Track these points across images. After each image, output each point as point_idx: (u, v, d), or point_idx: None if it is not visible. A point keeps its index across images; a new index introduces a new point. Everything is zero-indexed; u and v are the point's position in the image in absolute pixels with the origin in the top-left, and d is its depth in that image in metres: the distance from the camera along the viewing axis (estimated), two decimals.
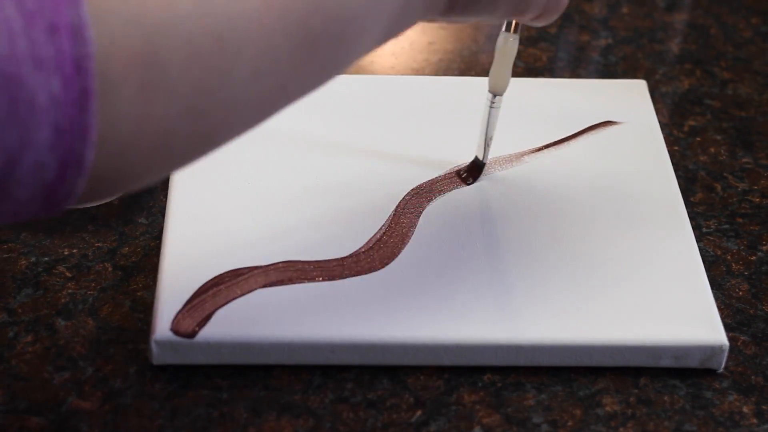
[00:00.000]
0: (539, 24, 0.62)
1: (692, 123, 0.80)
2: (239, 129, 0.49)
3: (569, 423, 0.60)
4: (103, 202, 0.68)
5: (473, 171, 0.71)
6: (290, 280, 0.64)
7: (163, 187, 0.71)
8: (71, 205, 0.45)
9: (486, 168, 0.72)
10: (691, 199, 0.74)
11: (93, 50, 0.41)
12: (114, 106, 0.42)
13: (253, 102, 0.48)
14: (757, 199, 0.74)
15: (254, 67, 0.46)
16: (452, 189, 0.70)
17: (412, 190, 0.70)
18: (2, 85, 0.40)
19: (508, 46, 0.66)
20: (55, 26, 0.40)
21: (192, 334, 0.61)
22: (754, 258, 0.70)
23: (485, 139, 0.70)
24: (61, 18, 0.40)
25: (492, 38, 0.87)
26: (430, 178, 0.71)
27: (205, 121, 0.46)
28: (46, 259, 0.67)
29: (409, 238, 0.67)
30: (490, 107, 0.69)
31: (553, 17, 0.61)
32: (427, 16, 0.56)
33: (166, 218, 0.67)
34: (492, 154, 0.73)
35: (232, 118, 0.48)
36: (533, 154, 0.73)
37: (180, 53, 0.43)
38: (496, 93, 0.69)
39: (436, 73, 0.83)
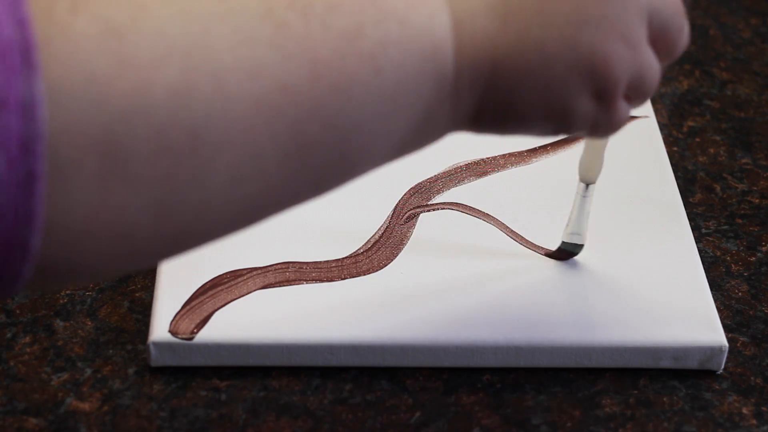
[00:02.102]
0: (599, 136, 0.54)
1: (691, 124, 0.80)
2: (216, 233, 0.45)
3: (568, 424, 0.60)
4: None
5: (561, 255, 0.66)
6: (289, 282, 0.64)
7: None
8: (18, 291, 0.41)
9: (486, 167, 0.72)
10: (691, 199, 0.74)
11: (44, 131, 0.37)
12: (66, 192, 0.38)
13: (231, 208, 0.43)
14: (757, 200, 0.74)
15: (234, 172, 0.41)
16: (451, 188, 0.70)
17: (410, 189, 0.70)
18: None
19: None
20: (3, 101, 0.36)
21: (190, 336, 0.61)
22: (753, 259, 0.70)
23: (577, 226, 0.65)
24: (12, 92, 0.36)
25: None
26: (427, 177, 0.71)
27: (172, 220, 0.41)
28: None
29: (408, 239, 0.67)
30: (582, 196, 0.64)
31: (613, 131, 0.52)
32: (453, 129, 0.49)
33: None
34: (491, 153, 0.73)
35: (205, 222, 0.43)
36: (532, 155, 0.73)
37: (147, 144, 0.39)
38: (586, 182, 0.63)
39: None
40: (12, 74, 0.36)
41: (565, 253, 0.66)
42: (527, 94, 0.48)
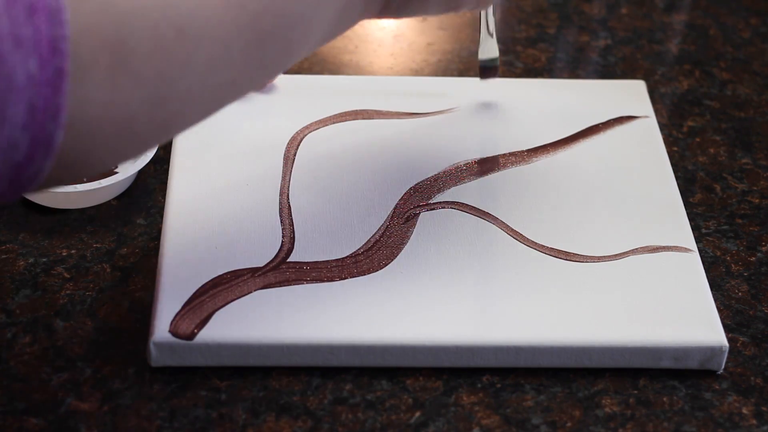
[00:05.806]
0: (478, 8, 0.67)
1: (691, 123, 0.80)
2: (193, 119, 0.51)
3: (568, 424, 0.60)
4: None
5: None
6: (289, 282, 0.64)
7: (162, 187, 0.71)
8: (34, 189, 0.46)
9: (486, 167, 0.72)
10: (691, 199, 0.74)
11: (68, 32, 0.43)
12: (84, 88, 0.44)
13: (207, 94, 0.50)
14: (757, 200, 0.74)
15: (210, 60, 0.49)
16: (451, 187, 0.70)
17: (410, 188, 0.70)
18: None
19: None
20: (33, 7, 0.42)
21: (191, 336, 0.61)
22: (753, 259, 0.70)
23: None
24: (39, 0, 0.42)
25: None
26: (428, 177, 0.71)
27: (164, 109, 0.48)
28: (45, 260, 0.67)
29: (408, 238, 0.67)
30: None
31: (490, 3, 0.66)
32: (364, 17, 0.59)
33: (164, 219, 0.67)
34: (491, 153, 0.73)
35: (188, 108, 0.50)
36: (532, 155, 0.73)
37: (145, 42, 0.46)
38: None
39: (435, 74, 0.83)
40: None
41: (487, 70, 0.74)
42: None
